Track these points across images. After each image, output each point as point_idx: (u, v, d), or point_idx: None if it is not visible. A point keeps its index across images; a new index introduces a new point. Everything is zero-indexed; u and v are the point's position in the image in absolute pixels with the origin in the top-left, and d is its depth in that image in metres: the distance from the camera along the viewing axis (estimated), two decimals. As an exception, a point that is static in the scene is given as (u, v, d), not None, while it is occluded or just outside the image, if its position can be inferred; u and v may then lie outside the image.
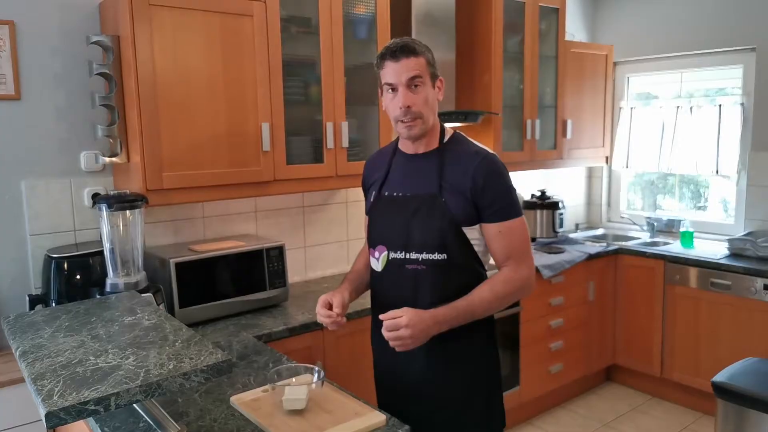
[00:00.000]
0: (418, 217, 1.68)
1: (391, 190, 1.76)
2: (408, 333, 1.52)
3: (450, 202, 1.65)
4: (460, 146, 1.72)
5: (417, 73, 1.62)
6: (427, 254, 1.67)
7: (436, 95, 1.69)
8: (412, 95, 1.63)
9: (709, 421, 3.47)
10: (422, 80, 1.63)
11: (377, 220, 1.78)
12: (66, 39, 2.40)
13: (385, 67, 1.65)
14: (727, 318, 3.39)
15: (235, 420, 1.54)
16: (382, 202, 1.77)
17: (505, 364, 3.33)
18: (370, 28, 2.85)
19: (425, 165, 1.71)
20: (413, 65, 1.62)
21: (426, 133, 1.70)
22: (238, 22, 2.41)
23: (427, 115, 1.66)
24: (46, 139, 2.39)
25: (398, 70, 1.62)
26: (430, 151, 1.72)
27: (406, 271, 1.70)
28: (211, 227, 2.82)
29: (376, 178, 1.82)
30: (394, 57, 1.62)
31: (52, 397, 1.17)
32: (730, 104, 3.84)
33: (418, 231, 1.68)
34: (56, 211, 2.42)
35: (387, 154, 1.83)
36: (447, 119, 3.17)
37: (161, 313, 1.68)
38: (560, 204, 4.13)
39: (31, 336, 1.51)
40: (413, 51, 1.62)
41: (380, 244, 1.76)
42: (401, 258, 1.71)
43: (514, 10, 3.48)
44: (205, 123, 2.37)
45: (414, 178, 1.72)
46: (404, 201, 1.72)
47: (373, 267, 1.80)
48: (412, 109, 1.63)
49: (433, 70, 1.66)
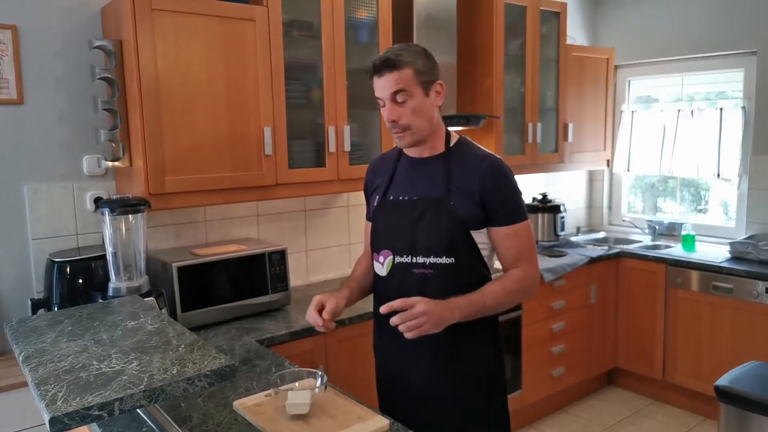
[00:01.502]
0: (425, 221, 1.68)
1: (396, 194, 1.76)
2: (425, 318, 1.50)
3: (458, 205, 1.65)
4: (467, 150, 1.72)
5: (400, 87, 1.61)
6: (435, 258, 1.67)
7: (433, 101, 1.67)
8: (398, 109, 1.63)
9: (711, 425, 3.46)
10: (407, 93, 1.62)
11: (382, 224, 1.77)
12: (68, 43, 2.41)
13: (373, 82, 1.67)
14: (729, 321, 3.38)
15: (238, 425, 1.53)
16: (387, 206, 1.76)
17: (507, 367, 3.31)
18: (372, 32, 2.86)
19: (431, 169, 1.71)
20: (395, 79, 1.61)
21: (424, 140, 1.70)
22: (240, 26, 2.41)
23: (418, 124, 1.65)
24: (48, 143, 2.40)
25: (382, 85, 1.64)
26: (437, 155, 1.72)
27: (413, 275, 1.69)
28: (213, 231, 2.82)
29: (380, 182, 1.82)
30: (377, 72, 1.64)
31: (56, 402, 1.17)
32: (731, 107, 3.84)
33: (426, 234, 1.67)
34: (58, 215, 2.42)
35: (391, 158, 1.83)
36: (448, 123, 3.13)
37: (164, 317, 1.68)
38: (562, 207, 4.13)
39: (34, 341, 1.51)
40: (395, 65, 1.61)
41: (385, 249, 1.75)
42: (407, 262, 1.70)
43: (515, 13, 3.48)
44: (207, 127, 2.37)
45: (420, 181, 1.72)
46: (411, 204, 1.71)
47: (377, 271, 1.79)
48: (398, 122, 1.65)
49: (424, 78, 1.63)
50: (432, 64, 1.67)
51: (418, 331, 1.51)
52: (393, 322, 1.51)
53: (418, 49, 1.66)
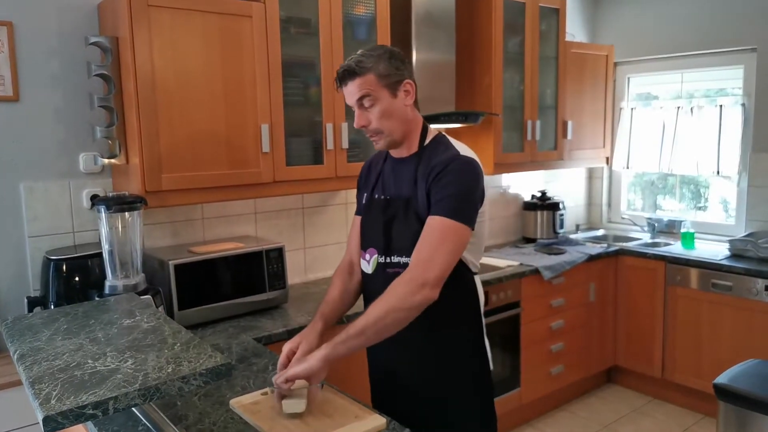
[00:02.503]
0: (396, 221, 1.69)
1: (379, 193, 1.78)
2: (295, 365, 1.52)
3: (422, 205, 1.64)
4: (440, 148, 1.68)
5: (363, 93, 1.61)
6: (407, 258, 1.65)
7: (403, 102, 1.65)
8: (367, 114, 1.64)
9: (710, 423, 3.46)
10: (372, 97, 1.61)
11: (367, 222, 1.79)
12: (64, 40, 2.39)
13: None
14: (729, 319, 3.38)
15: (235, 423, 1.52)
16: (372, 205, 1.78)
17: (506, 365, 3.32)
18: (370, 29, 2.84)
19: (405, 169, 1.71)
20: (358, 86, 1.61)
21: (400, 141, 1.69)
22: (237, 23, 2.40)
23: (388, 127, 1.64)
24: (44, 141, 2.38)
25: (347, 93, 1.65)
26: (412, 154, 1.71)
27: (389, 275, 1.69)
28: (210, 229, 2.81)
29: (371, 180, 1.83)
30: (341, 83, 1.64)
31: (50, 401, 1.16)
32: (731, 105, 3.83)
33: (397, 234, 1.68)
34: (55, 212, 2.41)
35: (381, 158, 1.84)
36: (447, 120, 3.16)
37: (160, 315, 1.67)
38: (561, 205, 4.12)
39: (29, 339, 1.50)
40: (355, 72, 1.60)
41: (371, 247, 1.77)
42: (383, 262, 1.72)
43: (514, 10, 3.47)
44: (204, 124, 2.36)
45: (396, 181, 1.73)
46: (386, 204, 1.73)
47: (363, 269, 1.81)
48: (368, 128, 1.65)
49: (389, 80, 1.61)
50: (398, 64, 1.63)
51: (281, 375, 1.52)
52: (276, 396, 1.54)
53: (382, 51, 1.63)
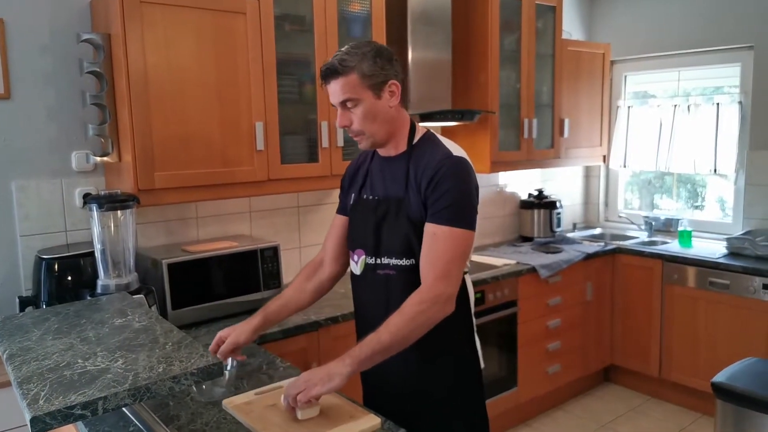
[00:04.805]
0: (387, 222, 1.66)
1: (368, 192, 1.74)
2: (307, 378, 1.45)
3: (413, 206, 1.61)
4: (429, 147, 1.65)
5: (347, 96, 1.58)
6: (396, 259, 1.64)
7: (387, 103, 1.61)
8: (349, 114, 1.61)
9: (708, 422, 3.45)
10: (355, 99, 1.58)
11: (355, 222, 1.76)
12: (56, 37, 2.37)
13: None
14: (726, 317, 3.37)
15: (227, 424, 1.51)
16: (360, 205, 1.75)
17: (502, 364, 3.30)
18: (365, 27, 2.83)
19: (395, 168, 1.68)
20: (341, 86, 1.57)
21: (384, 141, 1.66)
22: (230, 19, 2.38)
23: (371, 128, 1.61)
24: (36, 139, 2.36)
25: (330, 92, 1.61)
26: (401, 153, 1.68)
27: (378, 277, 1.68)
28: (204, 228, 2.79)
29: (358, 179, 1.79)
30: (324, 80, 1.61)
31: (38, 401, 1.14)
32: (728, 103, 3.82)
33: (387, 235, 1.66)
34: (47, 211, 2.39)
35: (368, 157, 1.80)
36: (443, 118, 3.15)
37: (152, 315, 1.65)
38: (558, 203, 4.11)
39: (19, 339, 1.48)
40: (338, 72, 1.56)
41: (359, 248, 1.73)
42: (373, 263, 1.69)
43: (510, 8, 3.45)
44: (197, 122, 2.34)
45: (385, 181, 1.70)
46: (376, 204, 1.70)
47: (353, 270, 1.78)
48: (351, 128, 1.63)
49: (373, 81, 1.56)
50: (383, 63, 1.58)
51: (306, 394, 1.43)
52: (286, 407, 1.48)
53: (368, 49, 1.58)
